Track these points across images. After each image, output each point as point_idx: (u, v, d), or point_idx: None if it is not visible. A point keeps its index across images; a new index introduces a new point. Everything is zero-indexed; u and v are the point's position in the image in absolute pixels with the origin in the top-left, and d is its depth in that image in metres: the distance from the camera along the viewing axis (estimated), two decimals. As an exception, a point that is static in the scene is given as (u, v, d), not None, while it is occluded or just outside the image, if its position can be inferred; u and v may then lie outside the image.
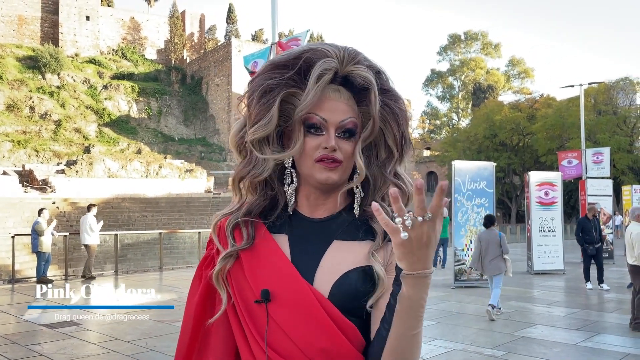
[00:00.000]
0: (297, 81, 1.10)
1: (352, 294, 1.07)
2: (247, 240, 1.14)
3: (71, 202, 30.63)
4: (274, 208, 1.18)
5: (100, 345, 6.29)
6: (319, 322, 1.05)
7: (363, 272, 1.09)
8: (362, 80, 1.10)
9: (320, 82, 1.07)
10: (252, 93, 1.13)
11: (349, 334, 1.06)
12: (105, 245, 16.04)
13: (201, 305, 1.18)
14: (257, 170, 1.13)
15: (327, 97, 1.10)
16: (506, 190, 47.63)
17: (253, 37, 73.37)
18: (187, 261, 17.11)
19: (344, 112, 1.10)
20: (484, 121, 47.61)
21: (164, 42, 70.96)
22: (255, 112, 1.11)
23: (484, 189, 11.51)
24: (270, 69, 1.12)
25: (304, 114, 1.09)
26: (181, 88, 64.87)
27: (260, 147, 1.12)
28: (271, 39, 9.91)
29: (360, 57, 1.11)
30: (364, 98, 1.12)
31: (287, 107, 1.11)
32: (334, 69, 1.09)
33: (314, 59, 1.09)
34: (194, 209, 35.49)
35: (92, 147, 48.12)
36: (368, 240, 1.13)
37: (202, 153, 57.73)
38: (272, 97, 1.09)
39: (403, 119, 1.14)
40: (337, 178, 1.11)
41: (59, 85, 55.18)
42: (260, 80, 1.12)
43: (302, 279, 1.08)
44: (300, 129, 1.10)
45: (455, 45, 64.63)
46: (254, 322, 1.09)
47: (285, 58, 1.12)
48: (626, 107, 42.00)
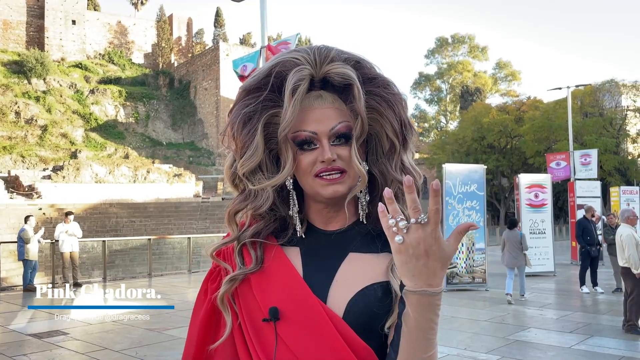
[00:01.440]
0: (275, 100, 1.02)
1: (369, 313, 0.99)
2: (255, 263, 1.06)
3: (58, 208, 30.29)
4: (285, 228, 1.11)
5: (89, 355, 6.16)
6: (331, 344, 0.97)
7: (382, 288, 1.00)
8: (341, 77, 1.01)
9: (296, 96, 0.98)
10: (233, 125, 1.05)
11: (363, 357, 0.98)
12: (93, 251, 15.84)
13: (206, 322, 1.10)
14: (258, 202, 1.06)
15: (310, 107, 1.02)
16: (495, 192, 47.87)
17: (241, 41, 73.26)
18: (176, 267, 16.92)
19: (333, 118, 1.02)
20: (472, 124, 47.90)
21: (151, 46, 70.64)
22: (240, 144, 1.04)
23: (474, 191, 11.51)
24: (243, 96, 1.05)
25: (290, 132, 1.01)
26: (169, 92, 64.58)
27: (253, 178, 1.05)
28: (260, 42, 9.85)
29: (334, 53, 1.02)
30: (350, 95, 1.03)
31: (274, 128, 1.04)
32: (308, 76, 1.00)
33: (284, 71, 1.01)
34: (183, 214, 35.30)
35: (79, 152, 47.73)
36: (387, 253, 1.03)
37: (191, 157, 57.47)
38: (253, 124, 1.02)
39: (398, 103, 1.05)
40: (345, 190, 1.03)
41: (45, 90, 54.68)
42: (237, 110, 1.04)
43: (314, 296, 1.00)
44: (288, 149, 1.02)
45: (443, 48, 65.07)
46: (261, 342, 1.01)
47: (255, 80, 1.04)
48: (612, 109, 42.47)
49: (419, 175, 1.08)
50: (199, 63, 63.03)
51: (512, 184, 36.98)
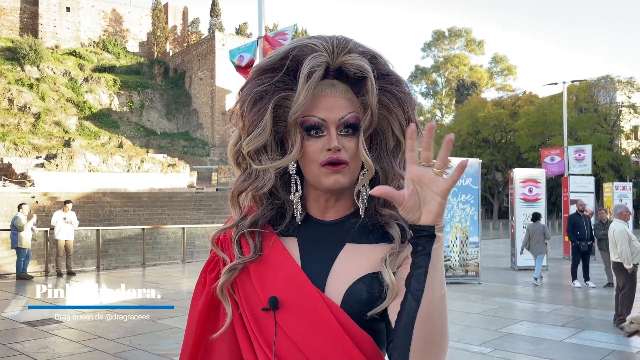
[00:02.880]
0: (289, 83, 1.03)
1: (367, 302, 1.00)
2: (254, 252, 1.06)
3: (51, 196, 30.17)
4: (282, 216, 1.11)
5: (83, 343, 6.16)
6: (331, 332, 0.98)
7: (378, 278, 1.02)
8: (357, 69, 1.02)
9: (310, 81, 0.99)
10: (243, 103, 1.05)
11: (363, 345, 0.99)
12: (86, 240, 15.81)
13: (205, 312, 1.11)
14: (259, 182, 1.06)
15: (322, 94, 1.03)
16: (488, 186, 48.06)
17: (237, 31, 72.80)
18: (170, 257, 16.93)
19: (343, 108, 1.02)
20: (467, 118, 48.01)
21: (147, 34, 70.14)
22: (248, 122, 1.04)
23: (469, 185, 11.55)
24: (257, 74, 1.05)
25: (300, 116, 1.02)
26: (164, 81, 64.20)
27: (257, 158, 1.05)
28: (257, 32, 9.80)
29: (352, 45, 1.03)
30: (362, 88, 1.04)
31: (283, 111, 1.04)
32: (324, 64, 1.01)
33: (301, 56, 1.01)
34: (177, 204, 35.21)
35: (73, 140, 47.44)
36: (383, 243, 1.06)
37: (185, 147, 57.28)
38: (263, 104, 1.02)
39: (408, 103, 1.06)
40: (346, 181, 1.03)
41: (38, 77, 54.23)
42: (249, 88, 1.04)
43: (313, 286, 1.01)
44: (297, 133, 1.03)
45: (439, 41, 64.98)
46: (261, 331, 1.02)
47: (271, 60, 1.04)
48: (607, 104, 42.64)
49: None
50: (195, 52, 62.66)
51: (506, 178, 37.17)
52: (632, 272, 7.33)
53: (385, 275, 1.00)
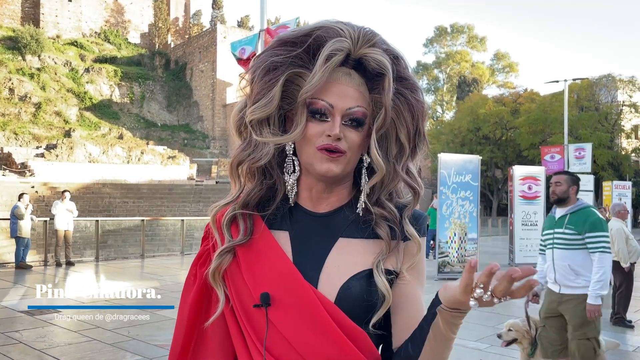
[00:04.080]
0: (305, 60, 1.01)
1: (361, 299, 1.00)
2: (244, 234, 1.05)
3: (51, 186, 30.19)
4: (272, 198, 1.09)
5: (81, 333, 6.18)
6: (324, 329, 0.97)
7: (371, 275, 1.02)
8: (377, 64, 1.00)
9: (329, 63, 0.97)
10: (255, 70, 1.03)
11: (359, 342, 0.99)
12: (86, 231, 15.83)
13: (195, 305, 1.10)
14: (257, 154, 1.04)
15: (336, 80, 1.00)
16: (488, 183, 48.03)
17: (239, 24, 72.55)
18: (169, 249, 16.94)
19: (353, 99, 1.00)
20: (468, 114, 47.88)
21: (148, 26, 69.88)
22: (256, 90, 1.02)
23: (469, 182, 11.55)
24: (277, 45, 1.03)
25: (309, 96, 1.00)
26: (165, 73, 64.05)
27: (259, 129, 1.03)
28: (258, 25, 9.77)
29: (377, 40, 1.01)
30: (377, 85, 1.01)
31: (292, 88, 1.02)
32: (346, 50, 0.99)
33: (325, 37, 0.99)
34: (176, 196, 35.25)
35: (73, 131, 47.38)
36: (375, 239, 1.05)
37: (185, 140, 57.23)
38: (276, 75, 1.00)
39: (419, 112, 1.04)
40: (339, 171, 1.01)
41: (39, 67, 54.07)
42: (265, 56, 1.02)
43: (305, 282, 1.00)
44: (303, 113, 1.01)
45: (442, 37, 64.75)
46: (253, 326, 1.01)
47: (294, 35, 1.02)
48: (608, 103, 42.55)
49: (420, 187, 1.09)
50: (196, 45, 62.48)
51: (505, 175, 37.14)
52: (628, 271, 7.36)
53: (380, 283, 1.00)
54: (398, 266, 1.04)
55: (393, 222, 1.06)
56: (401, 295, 1.04)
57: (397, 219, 1.06)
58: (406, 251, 1.06)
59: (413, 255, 1.06)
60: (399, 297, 1.04)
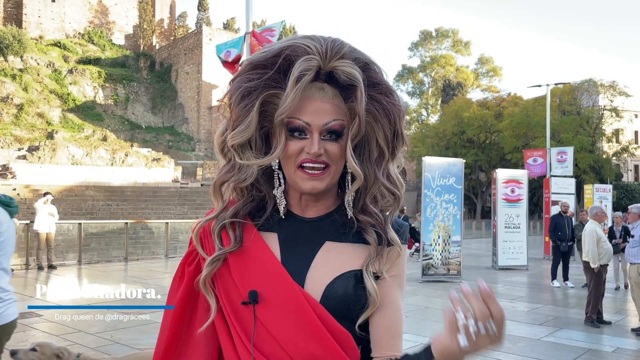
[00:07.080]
0: (279, 81, 1.03)
1: (346, 299, 1.04)
2: (234, 242, 1.08)
3: (33, 188, 29.76)
4: (262, 209, 1.13)
5: (63, 337, 6.13)
6: (309, 326, 1.01)
7: (357, 276, 1.05)
8: (347, 77, 1.01)
9: (299, 84, 0.99)
10: (231, 96, 1.05)
11: (341, 341, 1.02)
12: (68, 234, 15.64)
13: (182, 305, 1.12)
14: (242, 175, 1.07)
15: (310, 97, 1.02)
16: (472, 186, 48.42)
17: (225, 26, 72.35)
18: (153, 252, 16.82)
19: (329, 114, 1.03)
20: (452, 118, 48.27)
21: (133, 27, 69.35)
22: (234, 116, 1.05)
23: (453, 185, 11.65)
24: (248, 69, 1.05)
25: (285, 117, 1.02)
26: (149, 75, 63.57)
27: (241, 152, 1.06)
28: (244, 28, 9.76)
29: (346, 51, 1.02)
30: (352, 94, 1.03)
31: (271, 108, 1.04)
32: (315, 68, 1.01)
33: (293, 56, 1.01)
34: (161, 199, 34.97)
35: (56, 132, 46.83)
36: (361, 244, 1.09)
37: (170, 142, 56.83)
38: (251, 100, 1.02)
39: (396, 115, 1.06)
40: (323, 187, 1.05)
41: (21, 68, 53.35)
42: (239, 82, 1.04)
43: (292, 281, 1.03)
44: (282, 132, 1.04)
45: (427, 41, 65.17)
46: (241, 323, 1.04)
47: (263, 57, 1.04)
48: (589, 107, 43.11)
49: (402, 186, 1.11)
50: (181, 46, 62.14)
51: (489, 178, 37.44)
52: (597, 272, 7.54)
53: (368, 285, 1.04)
54: (380, 269, 1.07)
55: (379, 227, 1.09)
56: (380, 296, 1.07)
57: (382, 224, 1.10)
58: (389, 256, 1.09)
59: (393, 260, 1.09)
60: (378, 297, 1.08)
